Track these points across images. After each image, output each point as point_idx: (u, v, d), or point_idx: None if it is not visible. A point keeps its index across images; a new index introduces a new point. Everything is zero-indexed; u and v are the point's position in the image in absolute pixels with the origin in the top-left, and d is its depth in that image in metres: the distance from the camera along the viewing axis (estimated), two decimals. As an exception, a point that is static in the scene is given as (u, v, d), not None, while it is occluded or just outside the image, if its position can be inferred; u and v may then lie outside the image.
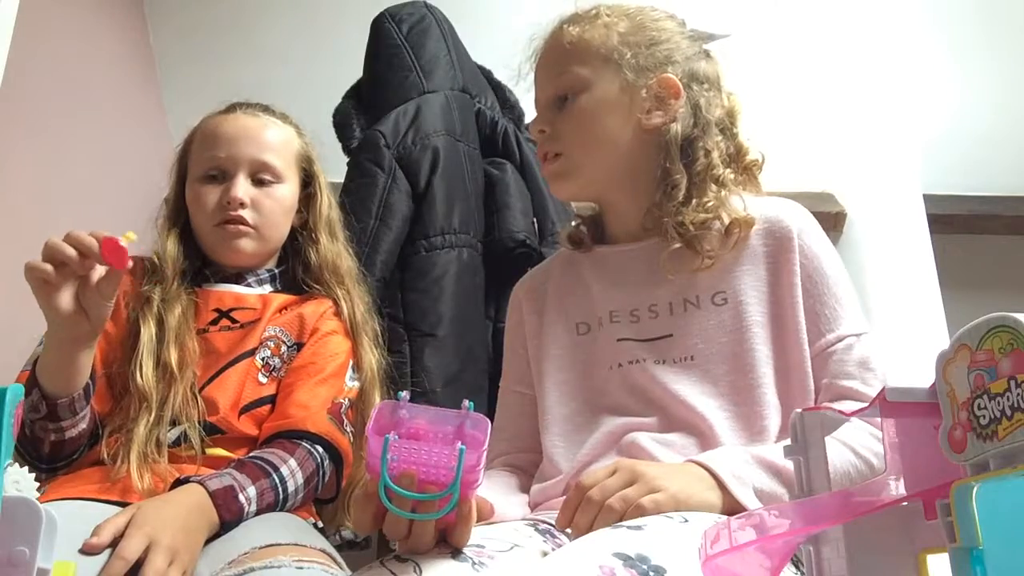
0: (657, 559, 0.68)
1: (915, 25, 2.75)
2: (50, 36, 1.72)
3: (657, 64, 1.07)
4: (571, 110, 1.06)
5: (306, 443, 1.15)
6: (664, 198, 1.04)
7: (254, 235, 1.26)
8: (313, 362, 1.23)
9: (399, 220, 1.68)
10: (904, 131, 2.67)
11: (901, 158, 2.69)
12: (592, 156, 1.07)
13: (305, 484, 1.12)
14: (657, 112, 1.05)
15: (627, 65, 1.05)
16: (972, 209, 2.77)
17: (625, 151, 1.06)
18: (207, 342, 1.21)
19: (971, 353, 0.50)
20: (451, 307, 1.64)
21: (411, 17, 1.90)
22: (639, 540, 0.71)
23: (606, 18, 1.08)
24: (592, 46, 1.06)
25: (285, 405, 1.18)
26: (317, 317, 1.28)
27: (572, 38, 1.07)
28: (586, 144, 1.06)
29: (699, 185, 1.03)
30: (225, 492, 1.02)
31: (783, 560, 0.61)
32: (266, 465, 1.09)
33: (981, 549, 0.45)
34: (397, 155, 1.71)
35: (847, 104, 2.72)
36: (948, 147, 2.70)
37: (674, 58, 1.08)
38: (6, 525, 0.57)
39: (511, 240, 1.71)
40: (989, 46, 2.78)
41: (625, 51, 1.05)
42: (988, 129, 2.73)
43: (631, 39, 1.07)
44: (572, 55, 1.07)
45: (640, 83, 1.05)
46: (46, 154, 1.70)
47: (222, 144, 1.27)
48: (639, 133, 1.05)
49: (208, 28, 2.53)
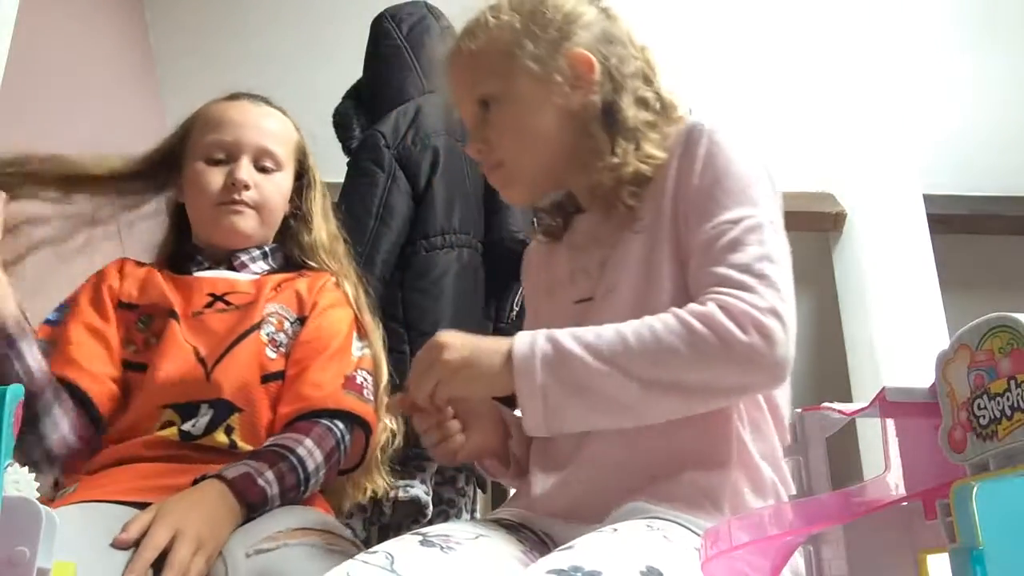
0: (590, 565, 0.69)
1: (915, 26, 2.75)
2: (50, 36, 1.72)
3: (560, 43, 1.03)
4: (495, 120, 1.04)
5: (325, 420, 1.16)
6: (593, 167, 1.03)
7: (254, 215, 1.27)
8: (318, 336, 1.23)
9: (399, 220, 1.68)
10: (904, 131, 2.68)
11: (901, 158, 2.70)
12: (530, 156, 1.05)
13: (326, 460, 1.13)
14: (576, 92, 1.04)
15: (530, 56, 1.02)
16: (972, 209, 2.77)
17: (559, 139, 1.04)
18: (202, 323, 1.20)
19: (971, 353, 0.50)
20: (451, 307, 1.64)
21: (411, 17, 1.90)
22: (570, 555, 0.73)
23: (493, 19, 1.05)
24: (492, 50, 1.04)
25: (299, 385, 1.18)
26: (316, 291, 1.28)
27: (470, 50, 1.05)
28: (520, 146, 1.04)
29: (612, 146, 1.02)
30: (243, 479, 1.03)
31: (783, 560, 0.61)
32: (281, 449, 1.10)
33: (981, 549, 0.45)
34: (397, 155, 1.71)
35: (847, 104, 2.72)
36: (948, 147, 2.71)
37: (575, 31, 1.03)
38: (6, 525, 0.57)
39: (511, 240, 1.71)
40: (989, 48, 2.78)
41: (525, 42, 1.02)
42: (988, 130, 2.73)
43: (525, 28, 1.03)
44: (477, 67, 1.05)
45: (550, 69, 1.01)
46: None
47: (228, 128, 1.27)
48: (567, 117, 1.03)
49: (207, 28, 2.53)
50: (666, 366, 0.84)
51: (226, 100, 1.33)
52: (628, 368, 0.84)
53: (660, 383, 0.84)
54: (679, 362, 0.83)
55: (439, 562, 0.78)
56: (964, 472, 0.50)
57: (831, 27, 2.67)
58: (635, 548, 0.74)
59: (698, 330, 0.83)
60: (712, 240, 0.91)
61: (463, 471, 1.69)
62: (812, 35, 2.67)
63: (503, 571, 0.81)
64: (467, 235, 1.70)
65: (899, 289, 2.55)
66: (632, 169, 0.99)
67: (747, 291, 0.84)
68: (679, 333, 0.84)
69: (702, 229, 0.92)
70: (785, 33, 2.67)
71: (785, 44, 2.66)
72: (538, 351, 0.86)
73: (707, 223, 0.92)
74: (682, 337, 0.83)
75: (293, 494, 1.08)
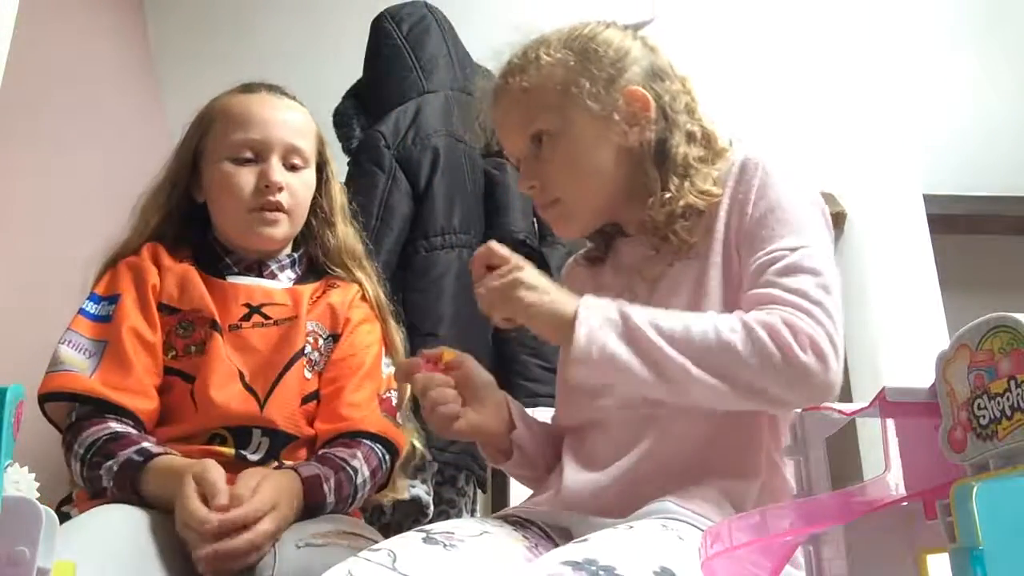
0: (605, 560, 0.70)
1: (916, 26, 2.75)
2: (49, 36, 1.72)
3: (615, 80, 1.03)
4: (552, 156, 1.04)
5: (367, 441, 1.18)
6: (645, 202, 1.04)
7: (286, 221, 1.24)
8: (353, 354, 1.24)
9: (399, 220, 1.68)
10: (904, 131, 2.68)
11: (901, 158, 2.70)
12: (586, 193, 1.05)
13: (371, 477, 1.16)
14: (633, 129, 1.04)
15: (589, 95, 1.02)
16: (972, 209, 2.77)
17: (615, 176, 1.05)
18: (242, 339, 1.19)
19: (971, 353, 0.50)
20: (451, 307, 1.64)
21: (411, 17, 1.90)
22: (585, 548, 0.74)
23: (546, 57, 1.04)
24: (547, 89, 1.03)
25: (337, 405, 1.19)
26: (347, 306, 1.28)
27: (522, 87, 1.04)
28: (577, 184, 1.05)
29: (665, 181, 1.03)
30: (314, 479, 1.07)
31: (783, 560, 0.61)
32: (338, 459, 1.13)
33: (981, 549, 0.45)
34: (397, 155, 1.71)
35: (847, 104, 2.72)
36: (949, 147, 2.70)
37: (627, 66, 1.05)
38: (6, 525, 0.57)
39: (511, 240, 1.71)
40: (991, 47, 2.78)
41: (583, 81, 1.02)
42: (989, 130, 2.73)
43: (580, 67, 1.03)
44: (532, 105, 1.04)
45: (608, 108, 1.02)
46: (45, 154, 1.70)
47: (255, 125, 1.23)
48: (623, 154, 1.04)
49: (207, 28, 2.53)
50: (721, 357, 0.86)
51: (244, 92, 1.29)
52: (685, 348, 0.87)
53: (711, 370, 0.86)
54: (735, 359, 0.86)
55: (441, 560, 0.79)
56: (964, 472, 0.50)
57: (831, 27, 2.67)
58: (650, 547, 0.76)
59: (761, 337, 0.86)
60: (767, 265, 0.93)
61: (463, 471, 1.69)
62: (812, 35, 2.67)
63: (507, 568, 0.81)
64: (467, 235, 1.70)
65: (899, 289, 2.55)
66: (684, 203, 1.01)
67: (806, 314, 0.88)
68: (740, 335, 0.86)
69: (756, 256, 0.95)
70: (785, 32, 2.67)
71: (785, 44, 2.65)
72: (604, 309, 0.90)
73: (761, 250, 0.94)
74: (743, 339, 0.86)
75: (343, 506, 1.11)
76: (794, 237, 0.94)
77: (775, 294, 0.90)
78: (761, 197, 0.98)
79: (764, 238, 0.95)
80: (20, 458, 0.63)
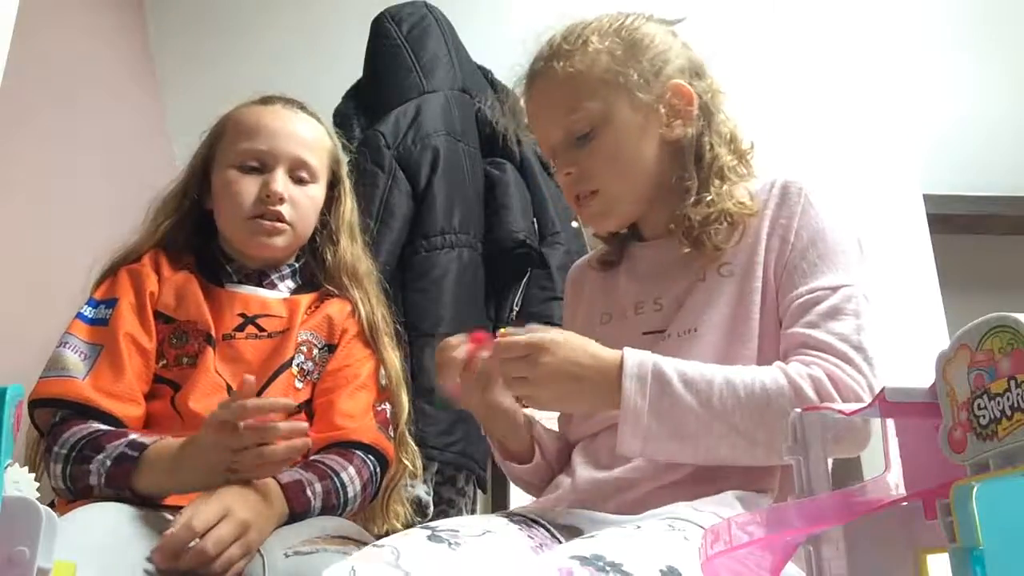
0: (612, 556, 0.70)
1: (915, 26, 2.75)
2: (49, 36, 1.72)
3: (659, 72, 1.03)
4: (596, 146, 1.02)
5: (360, 452, 1.17)
6: (680, 202, 1.04)
7: (288, 232, 1.24)
8: (348, 364, 1.24)
9: (399, 220, 1.68)
10: (904, 131, 2.67)
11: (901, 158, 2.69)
12: (628, 185, 1.04)
13: (362, 490, 1.15)
14: (677, 122, 1.03)
15: (635, 86, 1.01)
16: (972, 209, 2.76)
17: (655, 170, 1.04)
18: (234, 349, 1.19)
19: (971, 353, 0.50)
20: (451, 307, 1.64)
21: (411, 17, 1.90)
22: (593, 544, 0.74)
23: (595, 43, 1.02)
24: (594, 76, 1.01)
25: (331, 415, 1.19)
26: (345, 316, 1.28)
27: (568, 73, 1.02)
28: (621, 175, 1.03)
29: (704, 182, 1.03)
30: (295, 485, 1.06)
31: (783, 560, 0.61)
32: (328, 469, 1.12)
33: (981, 549, 0.45)
34: (397, 155, 1.71)
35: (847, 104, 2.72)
36: (948, 147, 2.70)
37: (671, 60, 1.05)
38: (6, 525, 0.57)
39: (511, 240, 1.72)
40: (990, 46, 2.78)
41: (630, 72, 1.01)
42: (988, 129, 2.73)
43: (628, 57, 1.02)
44: (577, 91, 1.02)
45: (654, 99, 1.02)
46: (45, 154, 1.70)
47: (263, 136, 1.24)
48: (664, 147, 1.04)
49: (207, 28, 2.53)
50: (771, 427, 0.87)
51: (259, 104, 1.29)
52: (734, 422, 0.88)
53: (757, 440, 0.88)
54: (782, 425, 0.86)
55: (445, 557, 0.79)
56: (964, 472, 0.50)
57: (830, 26, 2.67)
58: (657, 546, 0.76)
59: (809, 397, 0.86)
60: (809, 305, 0.94)
61: (463, 471, 1.69)
62: (811, 34, 2.67)
63: (511, 566, 0.81)
64: (467, 235, 1.70)
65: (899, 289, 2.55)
66: (722, 208, 1.01)
67: (849, 364, 0.89)
68: (789, 397, 0.87)
69: (797, 292, 0.95)
70: (784, 32, 2.66)
71: (784, 43, 2.65)
72: (649, 393, 0.89)
73: (803, 286, 0.95)
74: (791, 402, 0.86)
75: (329, 513, 1.11)
76: (836, 274, 0.96)
77: (820, 339, 0.91)
78: (803, 227, 0.99)
79: (805, 272, 0.96)
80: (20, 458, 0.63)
